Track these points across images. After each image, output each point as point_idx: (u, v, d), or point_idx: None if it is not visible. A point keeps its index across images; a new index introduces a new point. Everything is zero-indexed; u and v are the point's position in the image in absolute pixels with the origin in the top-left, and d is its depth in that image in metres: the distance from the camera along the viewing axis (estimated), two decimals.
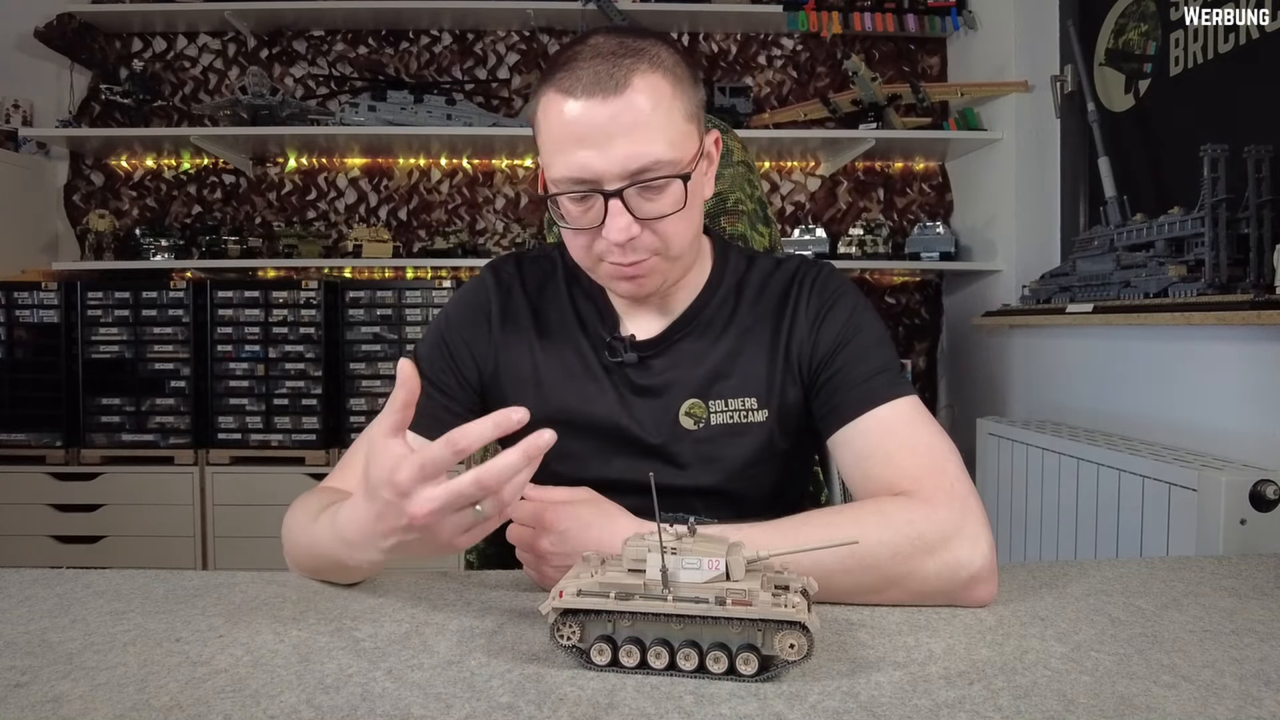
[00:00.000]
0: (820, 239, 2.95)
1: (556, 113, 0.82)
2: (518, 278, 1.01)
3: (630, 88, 0.81)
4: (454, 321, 1.00)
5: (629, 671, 0.61)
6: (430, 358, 0.98)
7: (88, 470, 2.60)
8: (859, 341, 0.92)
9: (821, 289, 0.96)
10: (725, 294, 0.98)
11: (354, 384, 2.65)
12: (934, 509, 0.78)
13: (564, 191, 0.84)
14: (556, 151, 0.83)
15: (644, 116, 0.81)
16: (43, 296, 2.60)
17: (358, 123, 2.82)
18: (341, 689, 0.59)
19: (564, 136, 0.82)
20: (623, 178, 0.81)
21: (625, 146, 0.81)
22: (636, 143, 0.81)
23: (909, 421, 0.87)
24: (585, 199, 0.84)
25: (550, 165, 0.84)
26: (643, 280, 0.88)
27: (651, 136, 0.81)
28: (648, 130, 0.81)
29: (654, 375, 0.95)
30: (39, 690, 0.59)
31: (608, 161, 0.81)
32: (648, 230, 0.84)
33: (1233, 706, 0.57)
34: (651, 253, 0.86)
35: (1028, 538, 2.20)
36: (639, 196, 0.83)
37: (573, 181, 0.82)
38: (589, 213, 0.84)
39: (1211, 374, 1.83)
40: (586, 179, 0.82)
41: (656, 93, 0.82)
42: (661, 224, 0.85)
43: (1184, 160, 1.97)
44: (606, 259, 0.86)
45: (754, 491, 0.96)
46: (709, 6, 2.93)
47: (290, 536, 0.86)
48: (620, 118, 0.80)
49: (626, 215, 0.82)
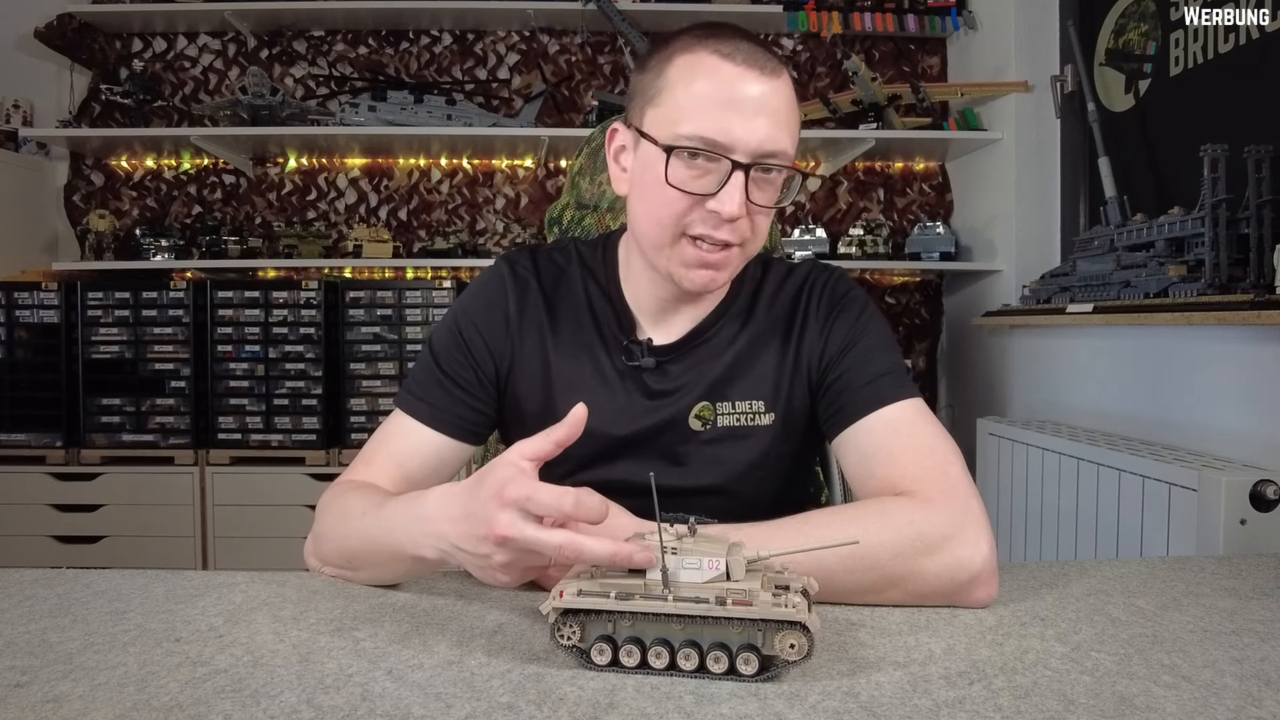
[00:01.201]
0: (820, 239, 2.95)
1: (709, 70, 0.82)
2: (533, 272, 0.99)
3: (782, 77, 0.84)
4: (471, 314, 0.97)
5: (629, 671, 0.61)
6: (447, 352, 0.96)
7: (88, 470, 2.60)
8: (865, 344, 0.93)
9: (831, 294, 0.97)
10: (744, 300, 0.99)
11: (354, 384, 2.65)
12: (935, 509, 0.78)
13: (692, 148, 0.82)
14: (697, 109, 0.82)
15: (786, 106, 0.84)
16: (43, 296, 2.60)
17: (358, 123, 2.82)
18: (341, 689, 0.59)
19: (712, 95, 0.81)
20: (754, 154, 0.82)
21: (767, 127, 0.81)
22: (777, 126, 0.82)
23: (912, 422, 0.87)
24: (710, 162, 0.82)
25: (680, 121, 0.82)
26: (717, 273, 0.88)
27: (788, 128, 0.84)
28: (787, 121, 0.84)
29: (669, 380, 0.95)
30: (39, 690, 0.59)
31: (749, 133, 0.81)
32: (747, 217, 0.84)
33: (1233, 706, 0.57)
34: (740, 241, 0.86)
35: (1028, 538, 2.20)
36: (753, 181, 0.83)
37: (706, 141, 0.81)
38: (702, 179, 0.83)
39: (1211, 374, 1.83)
40: (722, 143, 0.81)
41: (792, 95, 0.86)
42: (759, 216, 0.86)
43: (1184, 160, 1.97)
44: (691, 232, 0.85)
45: (757, 493, 0.96)
46: (709, 7, 2.93)
47: (330, 523, 0.85)
48: (771, 98, 0.82)
49: (743, 191, 0.82)
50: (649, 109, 0.86)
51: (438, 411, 0.93)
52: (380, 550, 0.78)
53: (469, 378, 0.95)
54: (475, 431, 0.96)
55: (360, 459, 0.94)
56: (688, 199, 0.83)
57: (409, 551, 0.74)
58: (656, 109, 0.85)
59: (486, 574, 0.69)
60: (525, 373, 0.96)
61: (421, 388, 0.95)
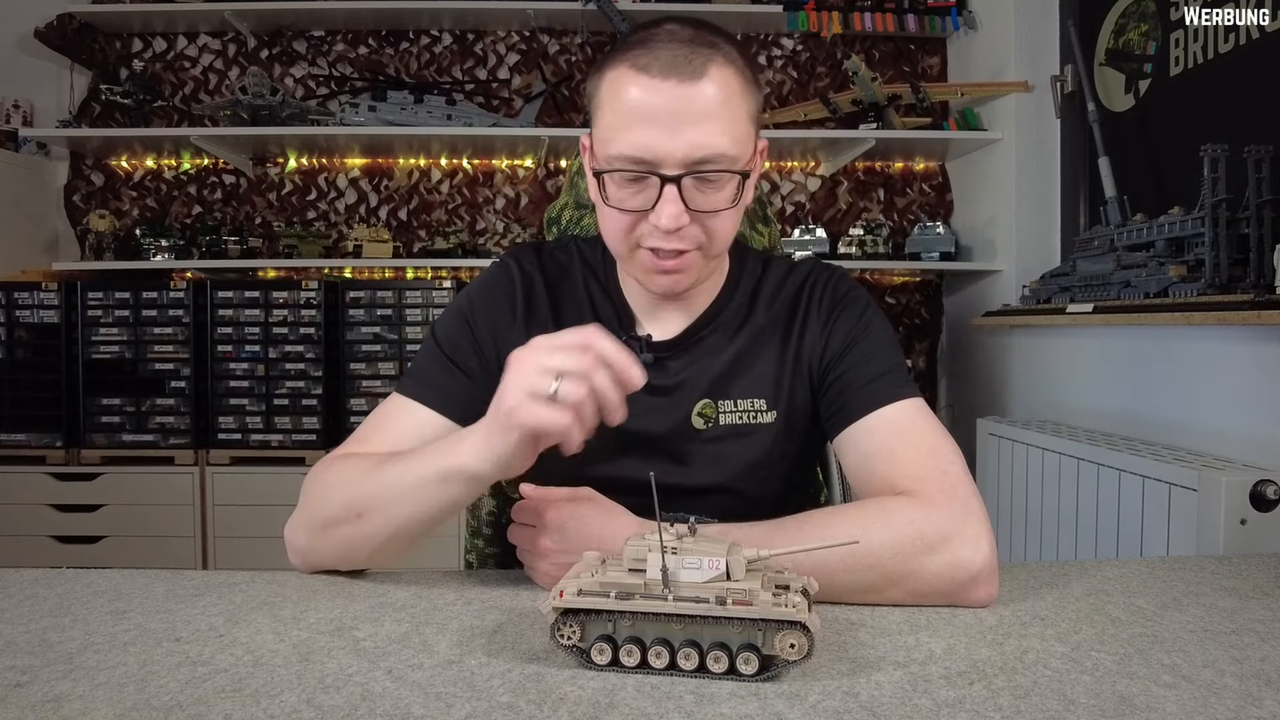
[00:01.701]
0: (820, 239, 2.95)
1: (627, 88, 0.81)
2: (538, 269, 0.99)
3: (706, 76, 0.81)
4: (479, 306, 0.97)
5: (629, 671, 0.61)
6: (452, 338, 0.95)
7: (88, 470, 2.60)
8: (867, 343, 0.93)
9: (833, 293, 0.97)
10: (742, 296, 0.98)
11: (354, 384, 2.65)
12: (935, 509, 0.78)
13: (620, 169, 0.82)
14: (620, 127, 0.81)
15: (714, 107, 0.81)
16: (43, 296, 2.60)
17: (358, 123, 2.82)
18: (342, 689, 0.59)
19: (632, 113, 0.81)
20: (684, 165, 0.81)
21: (692, 134, 0.80)
22: (704, 132, 0.80)
23: (913, 422, 0.87)
24: (639, 180, 0.82)
25: (609, 141, 0.82)
26: (679, 276, 0.87)
27: (719, 128, 0.81)
28: (716, 122, 0.81)
29: (669, 376, 0.95)
30: (39, 690, 0.59)
31: (673, 145, 0.80)
32: (695, 223, 0.84)
33: (1233, 706, 0.57)
34: (694, 246, 0.85)
35: (1028, 538, 2.19)
36: (694, 187, 0.82)
37: (632, 160, 0.81)
38: (638, 195, 0.83)
39: (1211, 374, 1.83)
40: (647, 160, 0.81)
41: (728, 87, 0.82)
42: (710, 219, 0.84)
43: (1184, 160, 1.97)
44: (645, 245, 0.85)
45: (759, 492, 0.95)
46: (709, 7, 2.93)
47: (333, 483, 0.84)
48: (693, 104, 0.80)
49: (679, 203, 0.81)
50: (592, 128, 0.87)
51: (440, 393, 0.92)
52: (406, 481, 0.78)
53: (472, 364, 0.94)
54: (476, 415, 0.95)
55: (354, 439, 0.93)
56: (631, 215, 0.84)
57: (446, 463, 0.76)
58: (595, 129, 0.86)
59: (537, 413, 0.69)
60: None
61: (423, 372, 0.94)
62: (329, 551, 0.84)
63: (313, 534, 0.84)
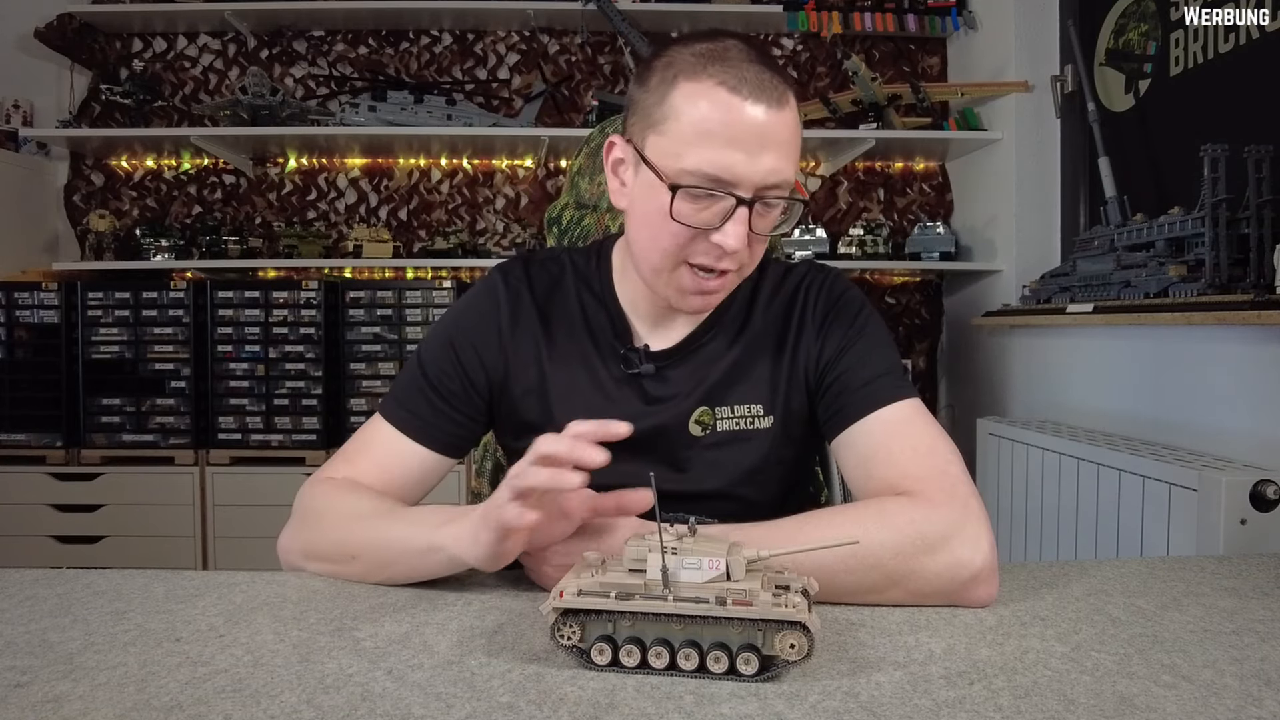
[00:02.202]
0: (820, 239, 2.95)
1: (714, 105, 0.80)
2: (526, 282, 0.99)
3: (789, 105, 0.82)
4: (463, 327, 0.97)
5: (629, 671, 0.61)
6: (436, 361, 0.96)
7: (88, 470, 2.60)
8: (862, 345, 0.92)
9: (828, 295, 0.96)
10: (740, 303, 0.98)
11: (354, 384, 2.65)
12: (935, 509, 0.78)
13: (696, 186, 0.81)
14: (700, 144, 0.80)
15: (790, 135, 0.82)
16: (43, 296, 2.60)
17: (358, 123, 2.82)
18: (342, 689, 0.59)
19: (718, 131, 0.79)
20: (757, 189, 0.81)
21: (772, 160, 0.80)
22: (781, 158, 0.81)
23: (911, 423, 0.87)
24: (709, 197, 0.82)
25: (682, 155, 0.81)
26: (715, 297, 0.89)
27: (791, 157, 0.83)
28: (790, 149, 0.82)
29: (668, 385, 0.95)
30: (39, 690, 0.59)
31: (753, 168, 0.80)
32: (746, 246, 0.84)
33: (1233, 706, 0.57)
34: (737, 268, 0.86)
35: (1028, 538, 2.20)
36: (756, 212, 0.83)
37: (710, 179, 0.80)
38: (704, 212, 0.82)
39: (1211, 374, 1.83)
40: (726, 180, 0.80)
41: (798, 118, 0.84)
42: (758, 243, 0.86)
43: (1184, 160, 1.97)
44: (693, 261, 0.85)
45: (758, 496, 0.95)
46: (709, 7, 2.93)
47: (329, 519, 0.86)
48: (778, 130, 0.81)
49: (746, 225, 0.82)
50: (650, 134, 0.84)
51: (420, 424, 0.94)
52: (397, 545, 0.81)
53: (455, 390, 0.95)
54: (456, 445, 0.96)
55: (342, 457, 0.95)
56: (690, 231, 0.83)
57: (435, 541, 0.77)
58: (659, 137, 0.83)
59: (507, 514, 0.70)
60: (520, 384, 0.96)
61: (407, 397, 0.95)
62: (322, 575, 0.86)
63: (306, 560, 0.87)
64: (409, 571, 0.82)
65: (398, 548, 0.81)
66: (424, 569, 0.81)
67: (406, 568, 0.82)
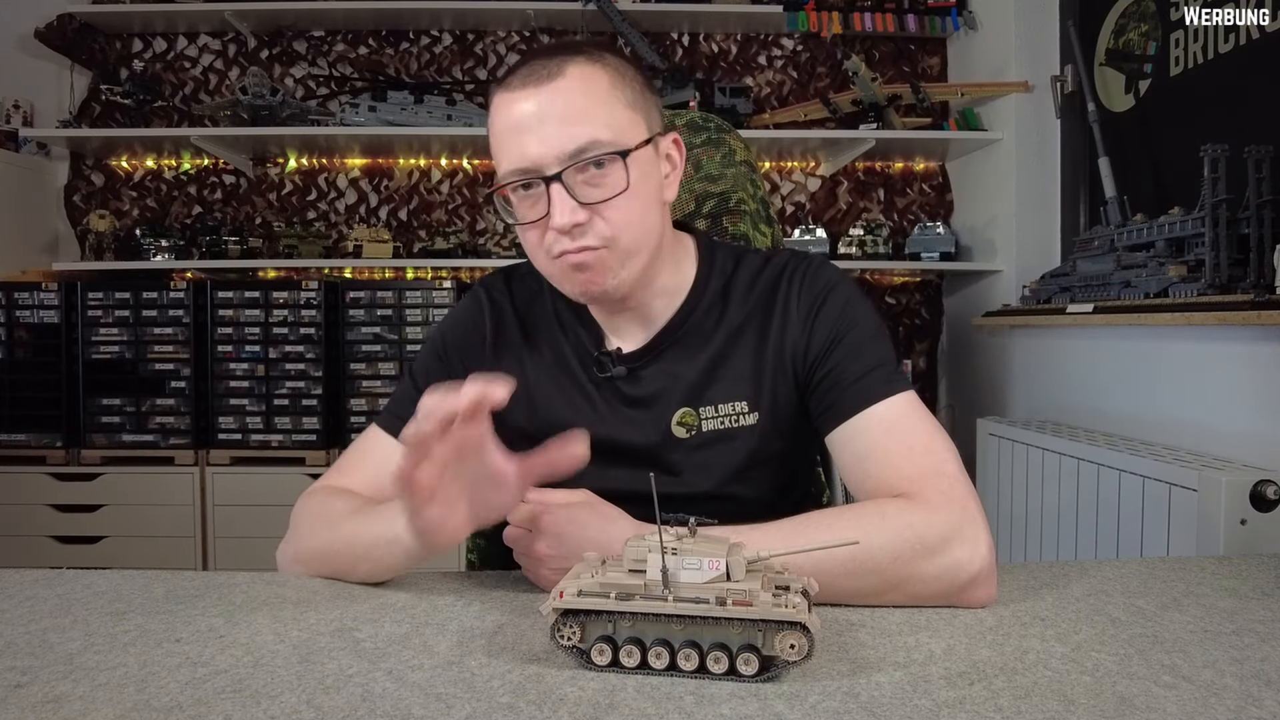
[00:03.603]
0: (820, 239, 2.95)
1: (497, 109, 0.85)
2: (507, 295, 1.02)
3: (563, 75, 0.83)
4: (450, 342, 1.01)
5: (629, 672, 0.61)
6: (426, 371, 0.99)
7: (88, 471, 2.60)
8: (853, 337, 0.90)
9: (813, 283, 0.94)
10: (712, 298, 0.96)
11: (354, 384, 2.65)
12: (933, 511, 0.77)
13: (509, 183, 0.85)
14: (500, 147, 0.85)
15: (577, 100, 0.83)
16: (43, 297, 2.60)
17: (358, 123, 2.82)
18: (342, 689, 0.59)
19: (504, 129, 0.84)
20: (560, 160, 0.82)
21: (559, 129, 0.82)
22: (571, 124, 0.82)
23: (906, 419, 0.86)
24: (530, 189, 0.84)
25: (499, 164, 0.86)
26: (592, 274, 0.86)
27: (587, 119, 0.83)
28: (583, 113, 0.83)
29: (644, 386, 0.95)
30: (39, 691, 0.59)
31: (544, 145, 0.82)
32: (596, 217, 0.84)
33: (1233, 707, 0.57)
34: (601, 242, 0.85)
35: (1028, 538, 2.20)
36: (582, 183, 0.83)
37: (516, 172, 0.84)
38: (536, 205, 0.85)
39: (1211, 374, 1.83)
40: (527, 167, 0.83)
41: (590, 80, 0.84)
42: (608, 210, 0.84)
43: (1184, 160, 1.97)
44: (554, 249, 0.85)
45: (752, 494, 0.95)
46: (709, 7, 2.93)
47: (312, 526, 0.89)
48: (554, 102, 0.82)
49: (569, 200, 0.82)
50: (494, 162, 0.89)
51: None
52: (364, 539, 0.82)
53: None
54: None
55: (336, 470, 0.97)
56: (538, 228, 0.85)
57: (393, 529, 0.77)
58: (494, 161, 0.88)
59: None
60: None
61: (400, 406, 0.97)
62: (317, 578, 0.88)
63: (300, 567, 0.89)
64: (380, 569, 0.84)
65: (365, 542, 0.83)
66: (391, 562, 0.82)
67: (378, 564, 0.83)
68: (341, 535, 0.85)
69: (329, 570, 0.86)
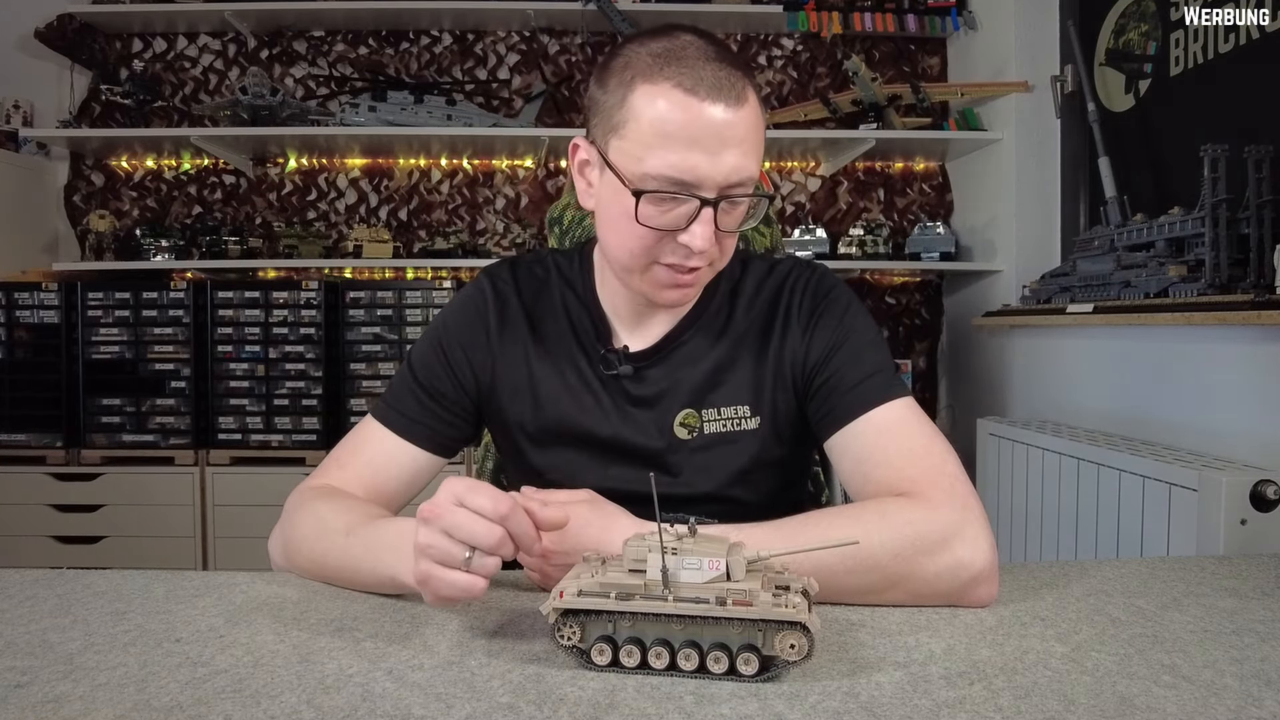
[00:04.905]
0: (820, 239, 2.95)
1: (672, 107, 0.79)
2: (513, 285, 1.00)
3: (748, 101, 0.82)
4: (452, 329, 0.98)
5: (629, 672, 0.61)
6: (426, 362, 0.97)
7: (88, 471, 2.60)
8: (852, 344, 0.91)
9: (814, 293, 0.95)
10: (720, 301, 0.98)
11: (354, 384, 2.65)
12: (934, 510, 0.78)
13: (658, 190, 0.80)
14: (661, 147, 0.80)
15: (750, 132, 0.82)
16: (43, 297, 2.60)
17: (358, 123, 2.82)
18: (342, 689, 0.59)
19: (676, 134, 0.79)
20: (722, 188, 0.81)
21: (734, 158, 0.80)
22: (743, 156, 0.81)
23: (905, 423, 0.87)
24: (674, 199, 0.81)
25: (643, 158, 0.80)
26: (690, 290, 0.89)
27: (753, 153, 0.82)
28: (751, 146, 0.82)
29: (649, 385, 0.95)
30: (39, 691, 0.59)
31: (714, 169, 0.79)
32: (715, 242, 0.84)
33: (1233, 707, 0.57)
34: (708, 264, 0.86)
35: (1028, 538, 2.20)
36: (722, 210, 0.83)
37: (673, 182, 0.80)
38: (669, 214, 0.82)
39: (1211, 374, 1.83)
40: (689, 182, 0.80)
41: (757, 111, 0.83)
42: (727, 239, 0.86)
43: (1184, 160, 1.97)
44: (662, 261, 0.85)
45: (751, 497, 0.95)
46: (709, 6, 2.93)
47: (305, 534, 0.85)
48: (737, 128, 0.80)
49: (712, 225, 0.82)
50: (612, 138, 0.84)
51: (410, 423, 0.94)
52: (360, 562, 0.79)
53: (445, 390, 0.96)
54: (446, 445, 0.97)
55: (332, 461, 0.95)
56: (657, 234, 0.83)
57: (387, 574, 0.75)
58: (620, 140, 0.83)
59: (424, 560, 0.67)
60: (509, 385, 0.97)
61: (397, 398, 0.96)
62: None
63: (291, 566, 0.87)
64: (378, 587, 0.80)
65: (360, 566, 0.79)
66: (387, 591, 0.80)
67: (371, 584, 0.80)
68: (337, 557, 0.81)
69: (322, 580, 0.84)
